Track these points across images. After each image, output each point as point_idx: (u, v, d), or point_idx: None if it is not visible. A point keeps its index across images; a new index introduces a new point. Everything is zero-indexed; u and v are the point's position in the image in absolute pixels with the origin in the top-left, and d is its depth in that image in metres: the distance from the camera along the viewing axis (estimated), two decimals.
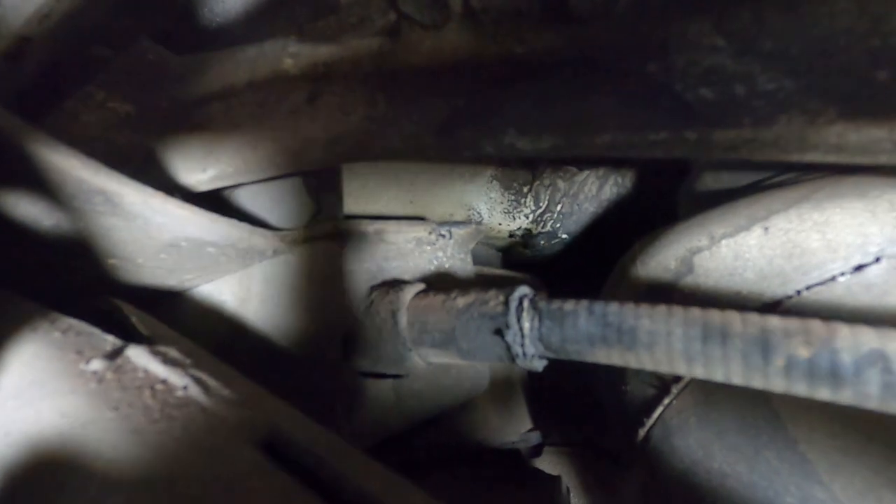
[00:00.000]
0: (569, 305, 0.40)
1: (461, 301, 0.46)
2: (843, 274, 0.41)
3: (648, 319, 0.37)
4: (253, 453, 0.30)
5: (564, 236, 0.81)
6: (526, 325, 0.41)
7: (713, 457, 0.46)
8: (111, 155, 0.53)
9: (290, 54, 0.50)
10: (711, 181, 0.59)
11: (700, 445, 0.47)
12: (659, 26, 0.35)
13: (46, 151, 0.35)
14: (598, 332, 0.38)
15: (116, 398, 0.31)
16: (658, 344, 0.36)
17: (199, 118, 0.54)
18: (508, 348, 0.42)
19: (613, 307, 0.39)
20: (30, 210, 0.40)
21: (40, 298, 0.44)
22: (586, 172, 0.76)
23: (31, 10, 0.41)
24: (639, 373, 0.53)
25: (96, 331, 0.39)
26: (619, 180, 0.77)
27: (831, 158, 0.32)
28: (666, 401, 0.50)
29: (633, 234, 0.63)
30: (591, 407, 0.71)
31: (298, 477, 0.30)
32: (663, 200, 0.71)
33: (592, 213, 0.79)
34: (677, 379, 0.49)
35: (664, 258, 0.53)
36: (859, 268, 0.40)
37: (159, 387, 0.34)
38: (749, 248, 0.46)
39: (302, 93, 0.47)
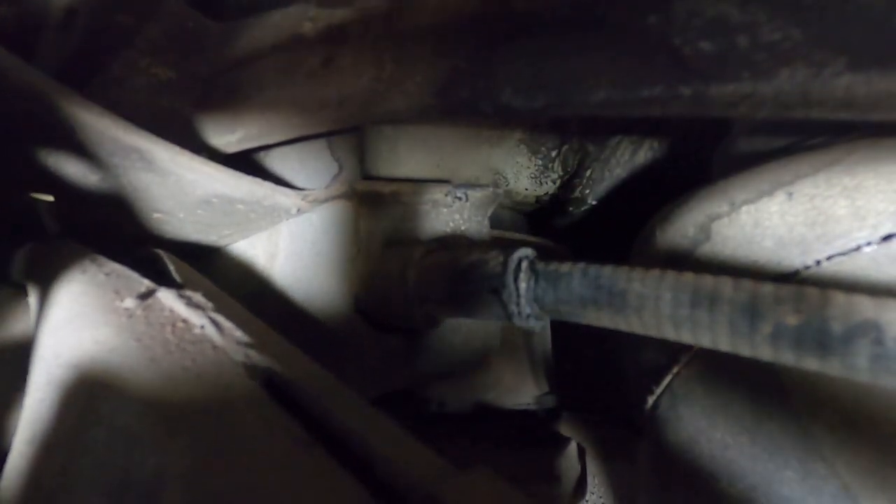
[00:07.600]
0: (565, 267, 0.40)
1: (465, 260, 0.47)
2: (869, 244, 0.38)
3: (639, 283, 0.36)
4: (251, 386, 0.33)
5: (594, 203, 0.79)
6: (522, 285, 0.42)
7: (716, 426, 0.45)
8: (154, 118, 0.57)
9: (310, 18, 0.51)
10: (746, 144, 0.55)
11: (704, 414, 0.46)
12: None
13: (82, 112, 0.39)
14: (589, 294, 0.38)
15: (141, 331, 0.36)
16: (646, 307, 0.35)
17: (231, 83, 0.57)
18: (505, 307, 0.43)
19: (607, 270, 0.38)
20: (76, 168, 0.45)
21: (99, 248, 0.50)
22: (619, 137, 0.74)
23: None
24: (651, 340, 0.52)
25: (135, 275, 0.44)
26: (654, 145, 0.73)
27: (840, 115, 0.29)
28: (675, 369, 0.50)
29: (669, 202, 0.61)
30: (611, 374, 0.71)
31: (290, 411, 0.33)
32: (701, 166, 0.67)
33: (625, 180, 0.76)
34: (687, 347, 0.48)
35: (683, 225, 0.51)
36: (888, 237, 0.37)
37: (180, 325, 0.38)
38: (770, 214, 0.43)
39: (318, 56, 0.49)
